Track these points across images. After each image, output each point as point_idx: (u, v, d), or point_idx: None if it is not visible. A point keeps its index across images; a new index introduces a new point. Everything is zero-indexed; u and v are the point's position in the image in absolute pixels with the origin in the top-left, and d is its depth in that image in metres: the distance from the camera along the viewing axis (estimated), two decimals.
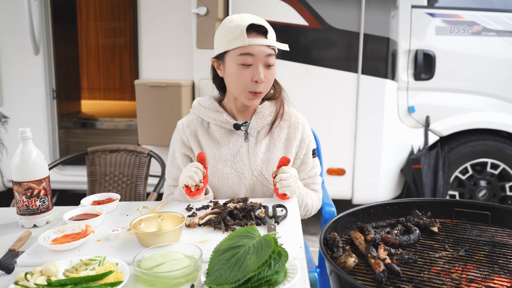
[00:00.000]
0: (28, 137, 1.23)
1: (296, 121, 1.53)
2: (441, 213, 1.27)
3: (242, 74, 1.38)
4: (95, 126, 4.79)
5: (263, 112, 1.49)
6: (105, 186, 2.19)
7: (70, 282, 0.88)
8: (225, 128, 1.50)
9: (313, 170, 1.57)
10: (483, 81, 3.19)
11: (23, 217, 1.24)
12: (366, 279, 0.96)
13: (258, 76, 1.37)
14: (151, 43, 3.32)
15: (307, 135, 1.54)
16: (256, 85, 1.39)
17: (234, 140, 1.49)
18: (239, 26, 1.36)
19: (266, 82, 1.41)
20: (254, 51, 1.36)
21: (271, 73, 1.41)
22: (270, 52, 1.38)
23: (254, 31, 1.37)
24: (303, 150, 1.54)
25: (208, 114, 1.50)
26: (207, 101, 1.53)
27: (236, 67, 1.38)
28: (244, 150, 1.49)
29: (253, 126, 1.49)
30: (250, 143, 1.50)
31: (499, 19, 3.11)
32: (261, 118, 1.49)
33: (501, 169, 3.23)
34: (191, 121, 1.54)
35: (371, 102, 3.10)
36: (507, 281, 0.92)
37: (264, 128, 1.51)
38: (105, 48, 6.74)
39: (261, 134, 1.51)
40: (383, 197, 3.21)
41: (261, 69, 1.37)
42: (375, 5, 2.97)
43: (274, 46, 1.39)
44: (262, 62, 1.38)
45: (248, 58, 1.36)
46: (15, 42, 3.37)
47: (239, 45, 1.36)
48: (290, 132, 1.52)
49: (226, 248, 0.91)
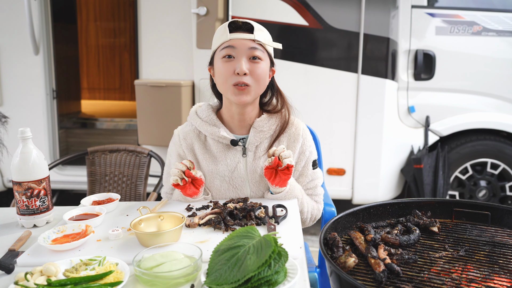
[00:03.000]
0: (28, 137, 1.23)
1: (296, 133, 1.47)
2: (441, 213, 1.27)
3: (224, 67, 1.36)
4: (95, 126, 4.78)
5: (261, 126, 1.44)
6: (105, 186, 2.19)
7: (70, 282, 0.88)
8: (222, 143, 1.45)
9: (312, 182, 1.51)
10: (483, 81, 3.19)
11: (23, 217, 1.24)
12: (366, 279, 0.96)
13: (240, 67, 1.32)
14: (151, 43, 3.32)
15: (307, 147, 1.48)
16: (239, 77, 1.34)
17: (232, 156, 1.44)
18: (224, 25, 1.37)
19: (253, 76, 1.35)
20: (235, 44, 1.34)
21: (258, 67, 1.36)
22: (254, 45, 1.35)
23: (239, 28, 1.37)
24: (301, 162, 1.48)
25: (205, 127, 1.45)
26: (205, 112, 1.47)
27: (220, 62, 1.37)
28: (242, 165, 1.43)
29: (251, 141, 1.44)
30: (248, 158, 1.44)
31: (499, 19, 3.11)
32: (260, 133, 1.44)
33: (501, 169, 3.23)
34: (187, 133, 1.48)
35: (371, 102, 3.10)
36: (507, 281, 0.92)
37: (263, 142, 1.46)
38: (105, 48, 6.74)
39: (260, 149, 1.45)
40: (383, 197, 3.21)
41: (243, 61, 1.33)
42: (375, 5, 2.97)
43: (260, 41, 1.36)
44: (245, 55, 1.34)
45: (229, 50, 1.35)
46: (15, 42, 3.37)
47: (222, 41, 1.36)
48: (289, 144, 1.46)
49: (226, 248, 0.91)
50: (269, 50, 1.41)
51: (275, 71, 1.48)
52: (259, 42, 1.36)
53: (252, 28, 1.37)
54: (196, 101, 3.22)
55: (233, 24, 1.37)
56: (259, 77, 1.37)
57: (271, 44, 1.40)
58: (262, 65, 1.37)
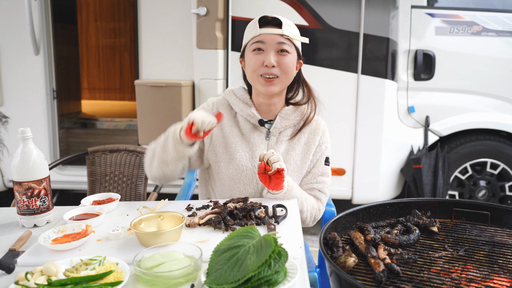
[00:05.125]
0: (29, 137, 1.23)
1: (317, 127, 1.57)
2: (441, 213, 1.27)
3: (254, 59, 1.44)
4: (95, 126, 4.79)
5: (288, 114, 1.53)
6: (105, 186, 2.20)
7: (70, 282, 0.88)
8: (249, 121, 1.53)
9: (322, 177, 1.56)
10: (482, 81, 3.19)
11: (24, 217, 1.24)
12: (366, 279, 0.96)
13: (268, 59, 1.41)
14: (151, 43, 3.32)
15: (324, 141, 1.57)
16: (267, 68, 1.42)
17: (256, 136, 1.52)
18: (254, 20, 1.45)
19: (281, 67, 1.44)
20: (264, 39, 1.43)
21: (286, 59, 1.44)
22: (283, 40, 1.43)
23: (269, 23, 1.45)
24: (317, 154, 1.56)
25: (237, 104, 1.53)
26: (240, 91, 1.56)
27: (250, 54, 1.46)
28: (264, 147, 1.52)
29: (276, 126, 1.52)
30: (270, 141, 1.52)
31: (499, 19, 3.11)
32: (285, 120, 1.52)
33: (500, 169, 3.23)
34: (221, 104, 1.57)
35: (371, 102, 3.10)
36: (506, 281, 0.92)
37: (287, 130, 1.54)
38: (105, 48, 6.74)
39: (282, 136, 1.53)
40: (383, 197, 3.21)
41: (271, 54, 1.42)
42: (375, 5, 2.97)
43: (288, 36, 1.43)
44: (273, 49, 1.43)
45: (259, 44, 1.43)
46: (16, 42, 3.37)
47: (253, 35, 1.44)
48: (310, 137, 1.55)
49: (226, 248, 0.91)
50: (296, 44, 1.49)
51: (302, 63, 1.56)
52: (287, 37, 1.44)
53: (281, 23, 1.45)
54: (196, 101, 3.22)
55: (263, 19, 1.45)
56: (287, 67, 1.45)
57: (299, 38, 1.49)
58: (289, 57, 1.46)
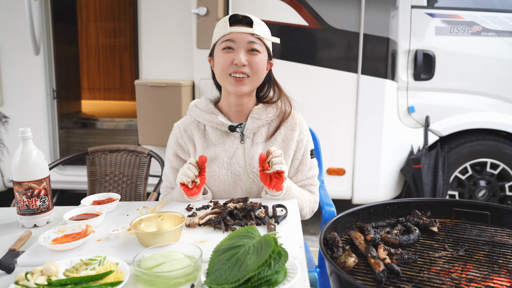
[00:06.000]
0: (29, 137, 1.23)
1: (293, 122, 1.52)
2: (441, 213, 1.27)
3: (223, 57, 1.41)
4: (95, 126, 4.79)
5: (258, 114, 1.49)
6: (105, 186, 2.20)
7: (70, 282, 0.88)
8: (220, 130, 1.49)
9: (311, 171, 1.55)
10: (482, 81, 3.19)
11: (24, 217, 1.24)
12: (366, 279, 0.96)
13: (239, 58, 1.38)
14: (151, 43, 3.32)
15: (304, 136, 1.53)
16: (237, 67, 1.39)
17: (230, 142, 1.48)
18: (224, 18, 1.42)
19: (251, 67, 1.41)
20: (234, 37, 1.40)
21: (257, 58, 1.41)
22: (253, 39, 1.40)
23: (239, 22, 1.42)
24: (300, 150, 1.52)
25: (203, 116, 1.50)
26: (203, 103, 1.53)
27: (220, 53, 1.42)
28: (240, 152, 1.48)
29: (248, 128, 1.48)
30: (246, 144, 1.48)
31: (499, 19, 3.11)
32: (257, 120, 1.48)
33: (500, 169, 3.23)
34: (187, 124, 1.53)
35: (371, 102, 3.10)
36: (506, 280, 0.92)
37: (260, 129, 1.50)
38: (105, 48, 6.74)
39: (258, 136, 1.49)
40: (383, 197, 3.21)
41: (241, 53, 1.39)
42: (375, 5, 2.97)
43: (258, 35, 1.41)
44: (244, 48, 1.40)
45: (229, 43, 1.40)
46: (16, 42, 3.37)
47: (223, 34, 1.41)
48: (287, 133, 1.51)
49: (226, 248, 0.91)
50: (267, 44, 1.46)
51: (272, 64, 1.52)
52: (258, 36, 1.41)
53: (252, 22, 1.42)
54: None
55: (233, 17, 1.43)
56: (257, 66, 1.42)
57: (269, 38, 1.46)
58: (260, 57, 1.43)
